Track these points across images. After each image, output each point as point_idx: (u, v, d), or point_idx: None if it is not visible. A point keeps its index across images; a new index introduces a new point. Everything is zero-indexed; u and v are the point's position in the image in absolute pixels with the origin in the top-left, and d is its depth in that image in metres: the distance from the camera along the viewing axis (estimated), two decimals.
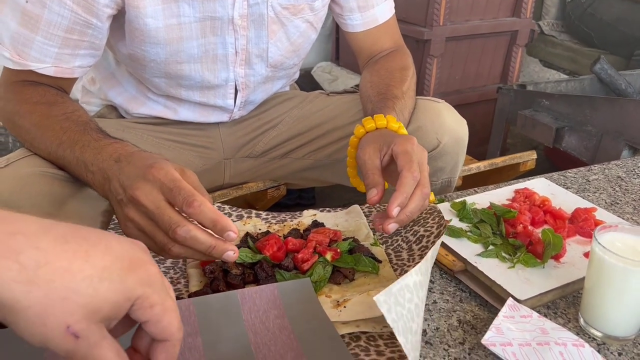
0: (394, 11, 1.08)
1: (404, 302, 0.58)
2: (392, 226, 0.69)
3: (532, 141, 1.60)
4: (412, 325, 0.58)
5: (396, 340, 0.64)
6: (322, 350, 0.60)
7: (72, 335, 0.37)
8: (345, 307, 0.67)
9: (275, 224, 0.86)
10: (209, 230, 0.60)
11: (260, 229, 0.84)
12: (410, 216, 0.70)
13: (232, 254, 0.61)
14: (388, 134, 0.79)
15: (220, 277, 0.71)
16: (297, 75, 1.19)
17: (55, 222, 0.40)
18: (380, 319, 0.67)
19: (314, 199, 2.02)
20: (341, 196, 2.01)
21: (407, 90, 0.96)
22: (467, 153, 1.06)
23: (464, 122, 0.98)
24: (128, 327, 0.45)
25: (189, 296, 0.70)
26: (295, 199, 1.95)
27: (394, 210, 0.68)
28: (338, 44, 2.54)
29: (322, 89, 2.38)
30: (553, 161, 1.87)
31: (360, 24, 1.04)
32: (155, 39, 0.86)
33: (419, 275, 0.61)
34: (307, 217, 0.88)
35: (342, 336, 0.64)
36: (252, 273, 0.72)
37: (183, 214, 0.60)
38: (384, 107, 0.88)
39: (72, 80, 0.86)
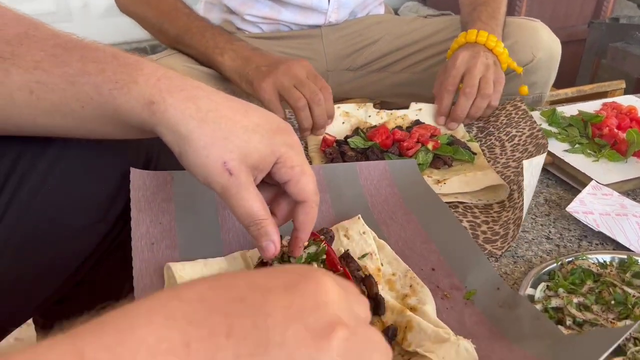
0: None
1: (532, 176, 0.71)
2: (451, 124, 0.93)
3: (623, 77, 1.61)
4: (530, 194, 0.70)
5: (490, 209, 0.76)
6: (426, 210, 0.72)
7: (227, 170, 0.44)
8: (445, 183, 0.79)
9: (385, 115, 0.98)
10: None
11: (369, 120, 0.97)
12: (461, 115, 0.92)
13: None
14: (474, 47, 0.95)
15: (338, 157, 0.85)
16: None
17: (221, 91, 0.50)
18: (476, 194, 0.79)
19: None
20: None
21: None
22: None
23: (558, 40, 1.05)
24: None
25: None
26: None
27: (439, 119, 0.94)
28: None
29: None
30: None
31: None
32: None
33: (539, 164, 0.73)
34: (412, 111, 0.99)
35: None
36: (365, 157, 0.86)
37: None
38: (474, 18, 1.01)
39: None
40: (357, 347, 0.28)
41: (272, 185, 0.51)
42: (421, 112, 0.98)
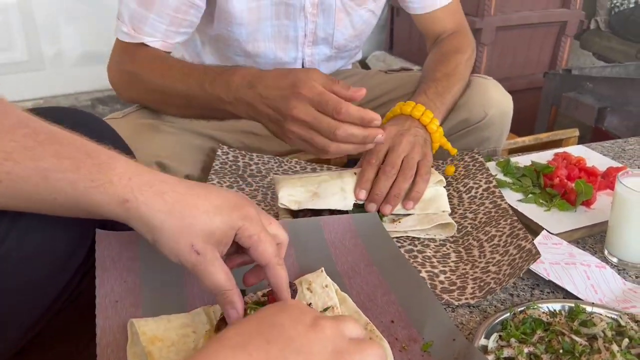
0: None
1: None
2: (369, 206, 0.84)
3: (578, 126, 1.70)
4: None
5: (447, 258, 0.80)
6: (387, 262, 0.75)
7: (195, 252, 0.52)
8: (400, 222, 0.86)
9: None
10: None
11: None
12: (379, 194, 0.84)
13: (381, 137, 0.79)
14: (406, 121, 0.91)
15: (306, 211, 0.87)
16: (359, 56, 1.34)
17: (185, 180, 0.57)
18: (425, 230, 0.84)
19: None
20: None
21: (453, 72, 1.04)
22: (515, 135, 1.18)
23: (510, 96, 1.11)
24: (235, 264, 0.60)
25: None
26: None
27: (360, 193, 0.84)
28: (392, 34, 2.67)
29: None
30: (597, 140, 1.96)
31: (419, 7, 1.16)
32: (240, 19, 1.02)
33: None
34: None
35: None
36: (329, 211, 0.88)
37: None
38: (419, 91, 1.00)
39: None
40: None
41: (242, 253, 0.59)
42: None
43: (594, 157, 1.06)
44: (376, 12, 1.14)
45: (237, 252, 0.59)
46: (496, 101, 1.08)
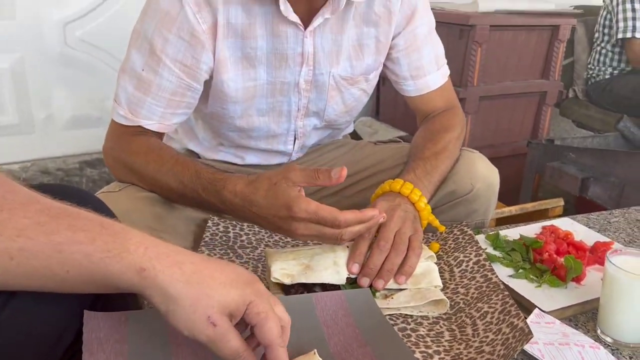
0: (447, 78, 1.21)
1: None
2: (362, 281, 0.84)
3: (562, 194, 1.73)
4: None
5: (441, 337, 0.79)
6: (381, 342, 0.74)
7: (211, 323, 0.53)
8: (392, 298, 0.85)
9: None
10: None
11: None
12: (373, 268, 0.84)
13: (382, 219, 0.85)
14: (395, 198, 0.94)
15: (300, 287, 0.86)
16: (350, 129, 1.37)
17: (198, 253, 0.59)
18: (418, 306, 0.84)
19: None
20: None
21: (442, 150, 1.07)
22: (501, 202, 1.20)
23: (496, 170, 1.13)
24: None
25: None
26: None
27: (352, 267, 0.85)
28: (379, 101, 2.75)
29: None
30: (582, 210, 1.99)
31: (413, 89, 1.18)
32: (234, 98, 1.04)
33: None
34: None
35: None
36: (323, 287, 0.87)
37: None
38: (408, 169, 1.02)
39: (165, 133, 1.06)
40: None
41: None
42: None
43: (581, 230, 1.08)
44: (368, 90, 1.17)
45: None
46: (482, 175, 1.10)
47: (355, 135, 2.70)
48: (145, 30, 0.96)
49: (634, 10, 2.40)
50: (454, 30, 2.12)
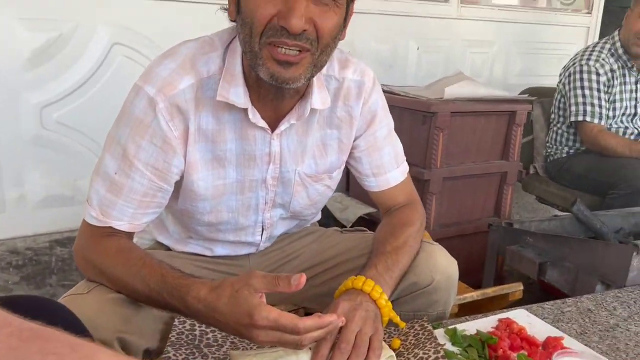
0: (406, 175, 1.28)
1: None
2: None
3: (522, 277, 1.81)
4: None
5: None
6: None
7: None
8: None
9: None
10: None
11: None
12: None
13: (341, 323, 0.90)
14: (357, 296, 0.99)
15: None
16: (318, 217, 1.43)
17: None
18: None
19: None
20: None
21: (403, 245, 1.12)
22: (465, 281, 1.24)
23: (455, 262, 1.19)
24: None
25: None
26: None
27: None
28: (348, 177, 2.83)
29: (334, 216, 2.65)
30: (544, 289, 2.05)
31: (375, 185, 1.26)
32: (204, 196, 1.09)
33: None
34: None
35: None
36: None
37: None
38: (370, 264, 1.08)
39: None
40: None
41: None
42: None
43: (535, 323, 1.13)
44: (332, 186, 1.24)
45: None
46: (442, 267, 1.16)
47: (325, 210, 2.77)
48: (119, 137, 1.02)
49: (584, 95, 2.58)
50: (418, 116, 2.24)
